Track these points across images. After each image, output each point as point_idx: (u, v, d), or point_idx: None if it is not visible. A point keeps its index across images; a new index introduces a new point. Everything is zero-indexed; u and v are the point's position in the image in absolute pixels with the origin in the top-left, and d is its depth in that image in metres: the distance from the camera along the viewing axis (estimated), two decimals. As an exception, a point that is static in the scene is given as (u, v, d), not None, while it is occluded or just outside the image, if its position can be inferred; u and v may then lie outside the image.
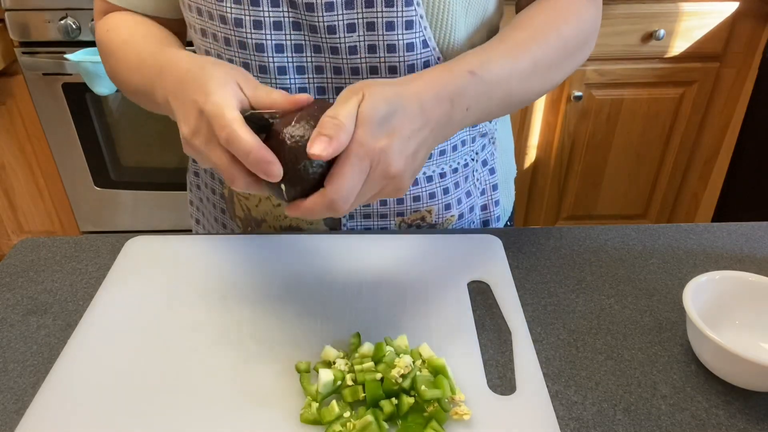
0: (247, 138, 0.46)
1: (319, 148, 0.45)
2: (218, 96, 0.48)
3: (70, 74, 1.68)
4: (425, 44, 0.63)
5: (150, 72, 0.60)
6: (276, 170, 0.47)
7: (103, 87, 1.61)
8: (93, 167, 1.89)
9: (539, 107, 1.80)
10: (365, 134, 0.47)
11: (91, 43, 1.65)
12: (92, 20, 1.62)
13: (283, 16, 0.62)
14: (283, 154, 0.47)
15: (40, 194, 1.96)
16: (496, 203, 0.82)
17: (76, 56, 1.58)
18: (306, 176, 0.48)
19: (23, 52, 1.67)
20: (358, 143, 0.47)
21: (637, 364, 0.57)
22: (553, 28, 0.63)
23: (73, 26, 1.62)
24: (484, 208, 0.81)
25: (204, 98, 0.49)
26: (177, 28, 0.74)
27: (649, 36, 1.66)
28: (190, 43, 0.70)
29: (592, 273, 0.69)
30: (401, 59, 0.63)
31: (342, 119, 0.47)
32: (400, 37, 0.62)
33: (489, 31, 0.71)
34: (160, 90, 0.57)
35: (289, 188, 0.49)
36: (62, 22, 1.61)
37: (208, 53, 0.67)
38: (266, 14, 0.61)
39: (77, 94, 1.74)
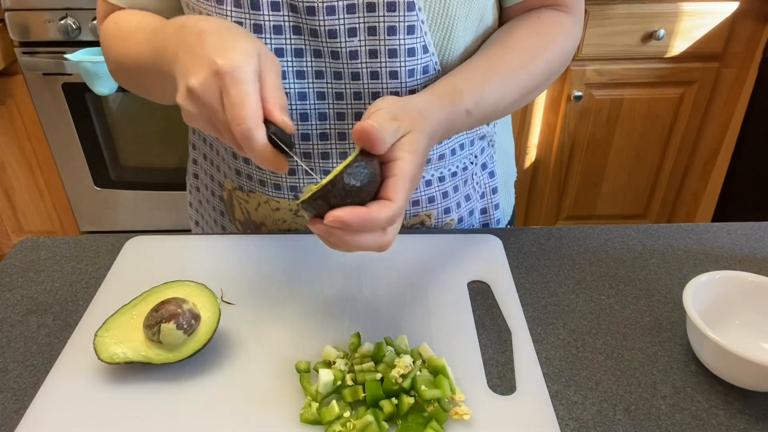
0: (263, 149, 0.49)
1: (376, 121, 0.47)
2: (241, 74, 0.48)
3: (70, 74, 1.68)
4: (425, 49, 0.63)
5: (163, 35, 0.56)
6: (285, 169, 0.51)
7: (103, 87, 1.61)
8: (93, 167, 1.89)
9: (539, 107, 1.80)
10: (415, 164, 0.50)
11: (91, 43, 1.65)
12: (93, 20, 1.62)
13: (284, 20, 0.61)
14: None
15: (40, 194, 1.96)
16: (496, 206, 0.82)
17: (76, 56, 1.58)
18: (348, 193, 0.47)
19: (23, 52, 1.67)
20: (412, 168, 0.50)
21: (637, 364, 0.57)
22: (541, 54, 0.66)
23: (73, 26, 1.62)
24: (483, 211, 0.81)
25: (224, 64, 0.48)
26: None
27: (649, 36, 1.66)
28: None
29: (592, 273, 0.69)
30: (402, 64, 0.63)
31: (385, 133, 0.48)
32: (402, 41, 0.62)
33: (485, 35, 0.71)
34: (172, 45, 0.53)
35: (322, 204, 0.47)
36: (62, 22, 1.61)
37: None
38: (266, 18, 0.61)
39: (77, 94, 1.74)
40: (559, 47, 0.68)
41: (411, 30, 0.61)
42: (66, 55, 1.61)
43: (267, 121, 0.50)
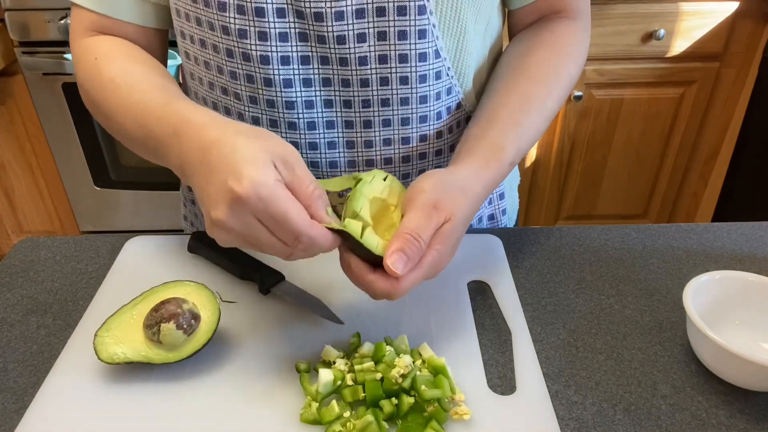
0: (326, 242, 0.50)
1: (399, 267, 0.49)
2: (266, 191, 0.46)
3: (70, 74, 1.68)
4: (437, 54, 0.63)
5: (156, 127, 0.55)
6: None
7: (103, 87, 1.61)
8: (93, 167, 1.89)
9: (539, 107, 1.80)
10: (444, 253, 0.52)
11: (91, 43, 1.65)
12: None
13: (290, 27, 0.59)
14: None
15: (40, 194, 1.96)
16: (503, 212, 0.82)
17: (76, 56, 1.58)
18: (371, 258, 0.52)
19: (23, 52, 1.67)
20: (436, 259, 0.52)
21: (637, 364, 0.57)
22: (563, 73, 0.67)
23: (73, 26, 1.62)
24: (491, 217, 0.81)
25: (242, 190, 0.45)
26: (158, 41, 0.70)
27: (649, 36, 1.66)
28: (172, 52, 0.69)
29: (592, 273, 0.69)
30: (413, 69, 0.62)
31: (424, 243, 0.50)
32: (413, 46, 0.61)
33: (492, 41, 0.71)
34: (175, 157, 0.53)
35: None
36: (62, 22, 1.61)
37: (207, 65, 0.65)
38: (272, 25, 0.59)
39: (77, 94, 1.74)
40: (576, 59, 0.69)
41: (422, 34, 0.60)
42: (66, 55, 1.61)
43: None
